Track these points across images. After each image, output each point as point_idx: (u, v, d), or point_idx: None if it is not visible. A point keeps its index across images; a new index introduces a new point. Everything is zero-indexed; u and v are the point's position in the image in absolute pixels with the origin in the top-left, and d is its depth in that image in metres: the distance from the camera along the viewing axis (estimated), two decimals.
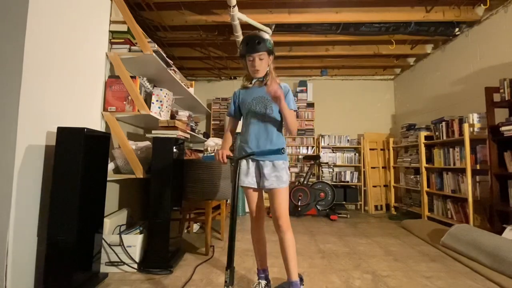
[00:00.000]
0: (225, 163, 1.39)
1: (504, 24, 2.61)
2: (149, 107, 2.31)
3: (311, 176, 3.99)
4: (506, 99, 2.29)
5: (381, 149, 4.36)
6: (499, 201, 2.30)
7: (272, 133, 1.45)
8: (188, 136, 2.32)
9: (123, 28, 2.17)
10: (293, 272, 1.38)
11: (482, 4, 2.71)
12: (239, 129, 1.65)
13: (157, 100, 2.40)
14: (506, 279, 1.67)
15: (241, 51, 1.44)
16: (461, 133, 2.74)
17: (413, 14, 2.88)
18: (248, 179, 1.44)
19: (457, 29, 3.09)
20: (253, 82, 1.51)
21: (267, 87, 1.33)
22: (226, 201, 3.45)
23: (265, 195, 1.51)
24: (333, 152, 4.45)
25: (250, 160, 1.46)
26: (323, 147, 4.45)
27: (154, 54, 2.15)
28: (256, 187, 1.45)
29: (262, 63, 1.41)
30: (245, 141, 1.49)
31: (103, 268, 1.77)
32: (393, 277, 1.76)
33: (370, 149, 4.29)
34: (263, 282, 1.52)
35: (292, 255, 1.38)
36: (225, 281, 1.13)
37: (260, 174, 1.43)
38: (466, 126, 2.64)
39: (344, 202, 4.16)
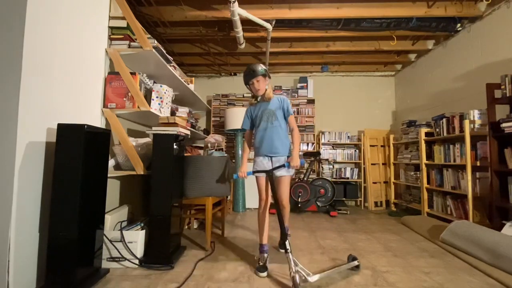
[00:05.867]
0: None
1: (506, 20, 2.59)
2: (149, 103, 2.30)
3: (311, 173, 3.99)
4: (507, 95, 2.28)
5: (381, 146, 4.35)
6: (498, 198, 2.30)
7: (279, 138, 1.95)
8: (189, 132, 2.32)
9: (123, 24, 2.16)
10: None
11: (484, 0, 2.68)
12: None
13: (157, 97, 2.39)
14: (505, 275, 1.68)
15: (245, 79, 1.93)
16: (461, 129, 2.74)
17: (414, 10, 2.86)
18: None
19: (459, 25, 3.07)
20: (258, 99, 2.00)
21: (292, 165, 1.77)
22: (227, 197, 3.47)
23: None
24: (334, 149, 4.46)
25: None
26: (323, 144, 4.45)
27: (153, 50, 2.14)
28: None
29: (262, 83, 1.91)
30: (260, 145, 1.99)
31: (105, 264, 1.78)
32: (392, 272, 1.77)
33: (371, 146, 4.29)
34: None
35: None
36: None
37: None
38: (466, 122, 2.63)
39: (344, 199, 4.17)
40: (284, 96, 1.99)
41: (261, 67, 1.88)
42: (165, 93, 2.44)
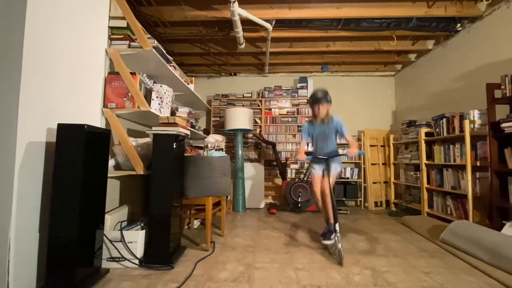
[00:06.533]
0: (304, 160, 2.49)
1: (506, 20, 2.58)
2: (149, 103, 2.30)
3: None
4: (507, 95, 2.28)
5: (381, 146, 4.35)
6: (498, 198, 2.30)
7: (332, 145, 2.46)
8: (188, 132, 2.32)
9: (123, 24, 2.16)
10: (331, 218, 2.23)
11: (484, 0, 2.68)
12: None
13: (157, 97, 2.39)
14: (505, 275, 1.68)
15: (311, 102, 2.36)
16: (461, 129, 2.74)
17: (414, 10, 2.86)
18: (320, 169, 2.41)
19: (459, 25, 3.06)
20: (317, 118, 2.37)
21: (349, 153, 2.19)
22: (227, 197, 3.47)
23: None
24: None
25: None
26: None
27: (153, 50, 2.14)
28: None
29: (323, 109, 2.31)
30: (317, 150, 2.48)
31: (105, 264, 1.78)
32: (392, 272, 1.77)
33: (371, 146, 4.29)
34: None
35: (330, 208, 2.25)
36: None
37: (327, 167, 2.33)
38: (466, 122, 2.63)
39: (344, 199, 4.17)
40: (338, 118, 2.39)
41: (328, 97, 2.33)
42: (165, 93, 2.44)
